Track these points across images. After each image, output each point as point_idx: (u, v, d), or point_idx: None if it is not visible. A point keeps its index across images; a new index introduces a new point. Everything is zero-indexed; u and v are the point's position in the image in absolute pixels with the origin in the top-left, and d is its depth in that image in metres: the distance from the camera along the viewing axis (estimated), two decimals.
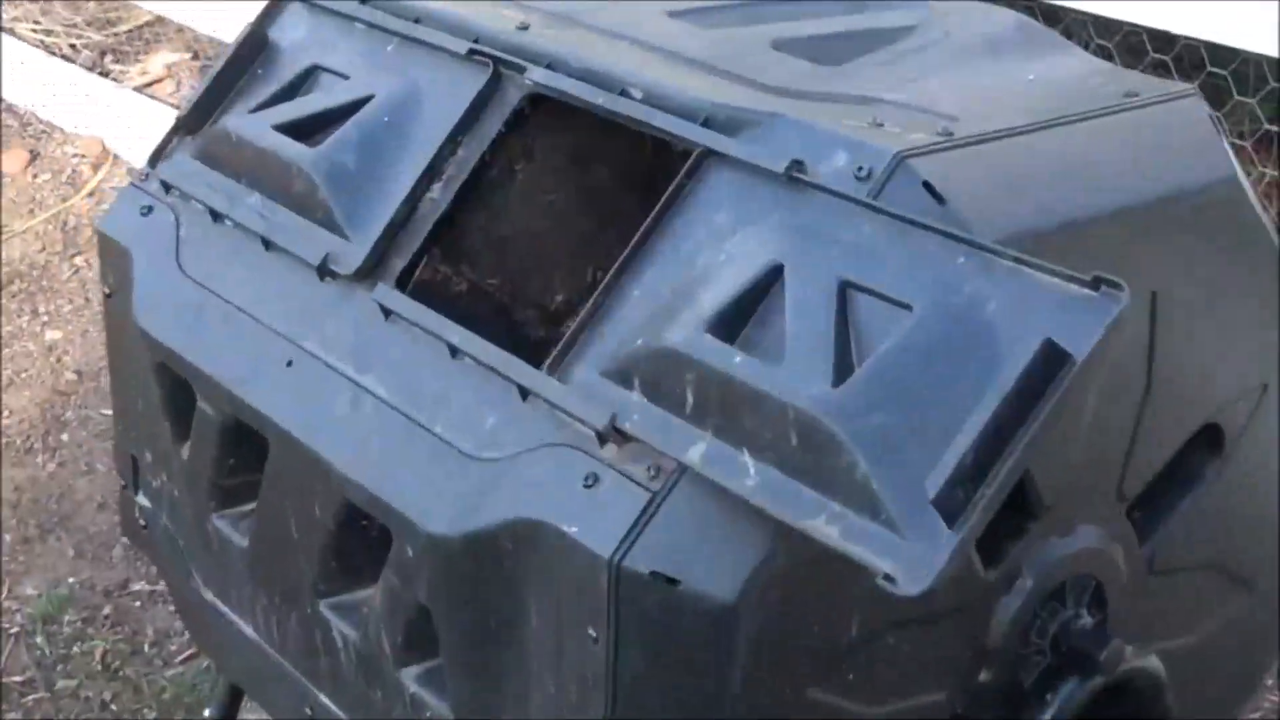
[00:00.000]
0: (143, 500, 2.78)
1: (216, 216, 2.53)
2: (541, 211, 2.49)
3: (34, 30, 6.55)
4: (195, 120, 2.64)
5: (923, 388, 1.72)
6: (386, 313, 2.25)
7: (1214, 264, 2.24)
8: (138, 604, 3.87)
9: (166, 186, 2.62)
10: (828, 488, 1.73)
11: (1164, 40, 3.90)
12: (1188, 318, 2.18)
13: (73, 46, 6.52)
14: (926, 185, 1.92)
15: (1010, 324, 1.72)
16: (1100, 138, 2.13)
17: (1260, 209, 2.29)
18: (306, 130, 2.47)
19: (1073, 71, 2.31)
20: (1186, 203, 2.17)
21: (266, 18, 2.67)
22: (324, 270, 2.33)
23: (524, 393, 2.05)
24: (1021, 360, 1.66)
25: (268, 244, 2.43)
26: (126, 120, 5.95)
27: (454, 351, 2.15)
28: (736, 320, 1.90)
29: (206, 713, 3.11)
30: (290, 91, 2.57)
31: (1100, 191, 2.08)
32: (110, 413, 4.35)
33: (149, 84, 6.32)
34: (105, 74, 6.37)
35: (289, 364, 2.33)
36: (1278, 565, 2.53)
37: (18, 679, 3.58)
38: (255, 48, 2.65)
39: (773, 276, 1.90)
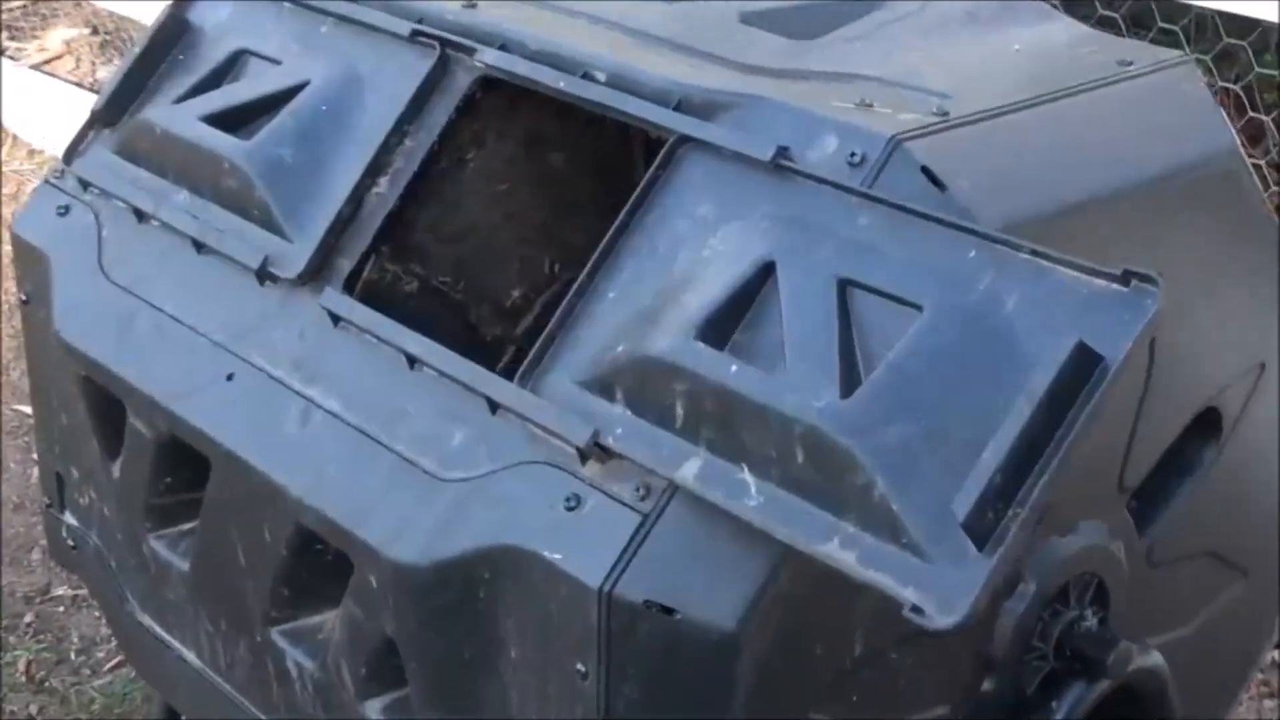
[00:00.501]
0: (70, 519, 2.60)
1: (141, 216, 2.35)
2: (494, 202, 2.33)
3: None
4: (113, 112, 2.45)
5: (940, 396, 1.59)
6: (335, 319, 2.08)
7: (1214, 239, 2.12)
8: (61, 609, 3.68)
9: (84, 184, 2.44)
10: (840, 508, 1.59)
11: None
12: (1189, 297, 2.06)
13: None
14: (925, 170, 1.78)
15: (1033, 324, 1.58)
16: (1097, 111, 2.00)
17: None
18: (236, 121, 2.29)
19: (1061, 40, 2.18)
20: (1188, 177, 2.05)
21: None
22: (264, 274, 2.16)
23: (493, 406, 1.90)
24: (1052, 365, 1.53)
25: (199, 246, 2.26)
26: (25, 99, 5.69)
27: (412, 361, 1.99)
28: (727, 324, 1.75)
29: None
30: (216, 79, 2.38)
31: (1101, 169, 1.95)
32: (21, 408, 4.16)
33: (47, 61, 6.06)
34: (0, 51, 6.10)
35: (229, 377, 2.16)
36: (1273, 548, 2.43)
37: None
38: (175, 32, 2.46)
39: (764, 275, 1.76)
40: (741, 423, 1.67)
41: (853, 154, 1.80)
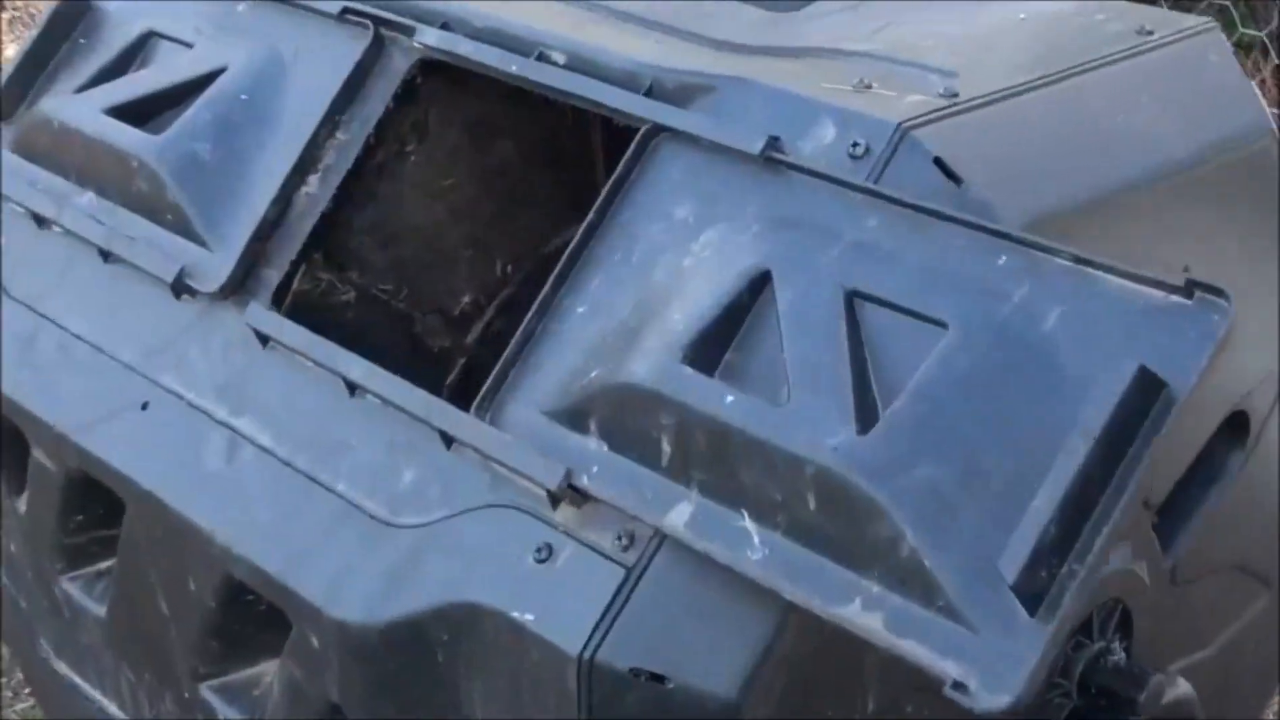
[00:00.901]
0: None
1: (42, 222, 2.08)
2: (438, 199, 2.08)
3: None
4: (8, 103, 2.18)
5: (976, 430, 1.36)
6: (263, 339, 1.84)
7: (1243, 225, 1.91)
8: None
9: None
10: (862, 563, 1.37)
11: None
12: None
13: None
14: (938, 162, 1.55)
15: (1082, 344, 1.36)
16: (1120, 88, 1.77)
17: None
18: (145, 113, 2.03)
19: (1067, 6, 1.94)
20: (1219, 158, 1.83)
21: None
22: (180, 287, 1.91)
23: (447, 440, 1.66)
24: (1110, 394, 1.30)
25: (106, 255, 2.00)
26: None
27: (352, 388, 1.75)
28: (716, 344, 1.52)
29: None
30: (121, 65, 2.13)
31: (1128, 154, 1.73)
32: None
33: None
34: None
35: (144, 406, 1.90)
36: None
37: None
38: (76, 12, 2.19)
39: (757, 286, 1.53)
40: (740, 462, 1.44)
41: (855, 144, 1.57)
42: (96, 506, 2.04)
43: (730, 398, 1.45)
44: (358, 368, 1.73)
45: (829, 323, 1.46)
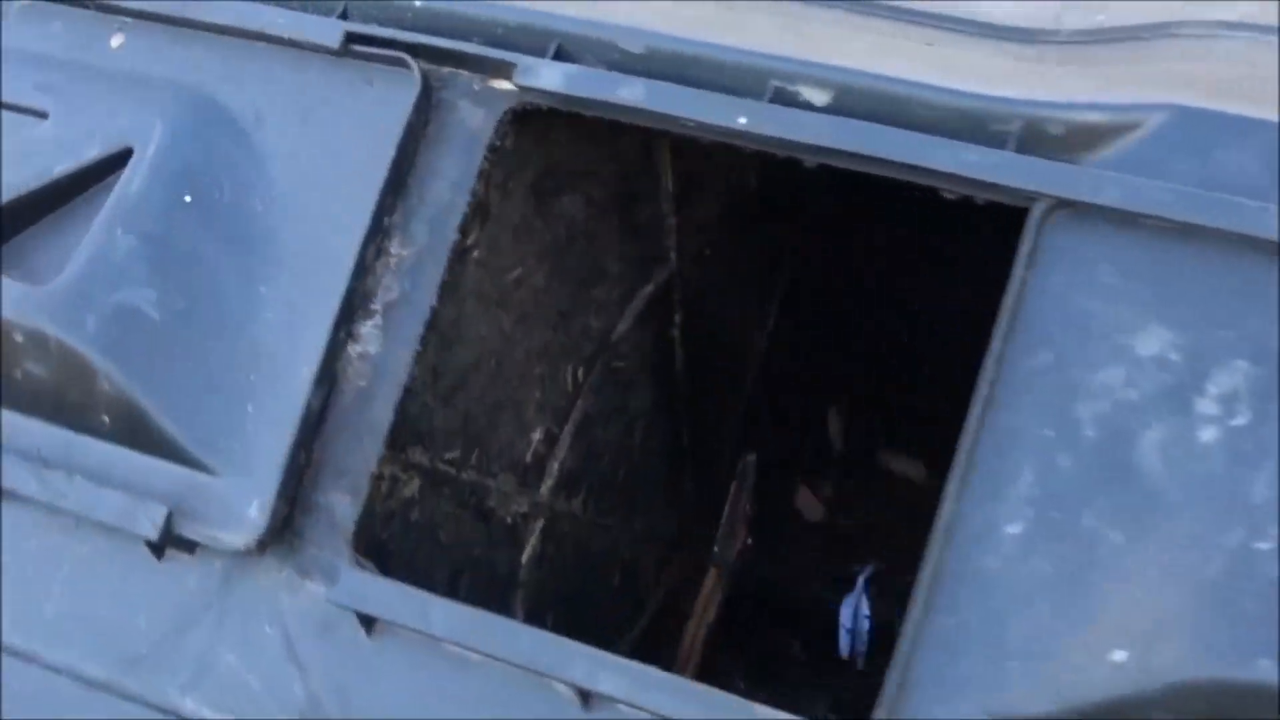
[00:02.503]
0: None
1: None
2: (503, 304, 1.34)
3: None
4: None
5: None
6: (367, 623, 1.09)
7: None
8: None
9: None
10: None
11: None
12: None
13: None
14: None
15: None
16: None
17: None
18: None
19: None
20: None
21: None
22: (170, 541, 1.13)
23: None
24: None
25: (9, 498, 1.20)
26: None
27: (585, 695, 1.04)
28: None
29: None
30: None
31: None
32: None
33: None
34: None
35: None
36: None
37: None
38: None
39: None
40: None
41: None
42: None
43: None
44: (605, 669, 1.02)
45: None
